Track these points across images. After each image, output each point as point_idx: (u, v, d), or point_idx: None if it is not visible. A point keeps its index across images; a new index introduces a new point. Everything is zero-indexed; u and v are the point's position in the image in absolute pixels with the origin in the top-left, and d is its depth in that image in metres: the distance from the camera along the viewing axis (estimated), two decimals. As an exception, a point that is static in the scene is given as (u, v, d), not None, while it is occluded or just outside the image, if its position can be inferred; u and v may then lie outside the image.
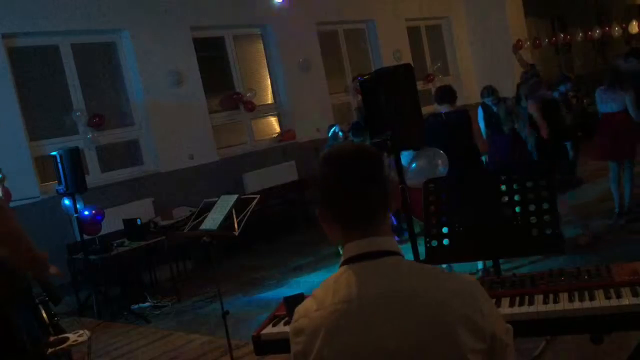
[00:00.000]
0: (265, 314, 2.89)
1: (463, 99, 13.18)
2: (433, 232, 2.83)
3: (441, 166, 5.10)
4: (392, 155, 3.57)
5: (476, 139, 5.94)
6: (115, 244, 6.76)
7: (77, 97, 8.10)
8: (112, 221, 7.20)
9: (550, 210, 2.67)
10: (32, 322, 2.71)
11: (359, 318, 1.43)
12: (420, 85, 11.38)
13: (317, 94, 10.61)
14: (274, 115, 10.47)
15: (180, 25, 8.96)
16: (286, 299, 2.63)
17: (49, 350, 2.43)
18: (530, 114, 6.66)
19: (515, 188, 2.77)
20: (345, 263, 1.52)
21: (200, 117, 9.11)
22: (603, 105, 6.62)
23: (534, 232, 2.69)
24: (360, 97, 7.81)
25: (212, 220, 4.46)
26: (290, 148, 10.13)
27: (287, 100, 10.36)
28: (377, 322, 1.42)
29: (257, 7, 9.92)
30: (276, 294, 6.26)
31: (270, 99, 10.44)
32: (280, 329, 2.56)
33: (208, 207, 4.65)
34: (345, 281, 1.48)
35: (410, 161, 5.04)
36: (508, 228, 2.75)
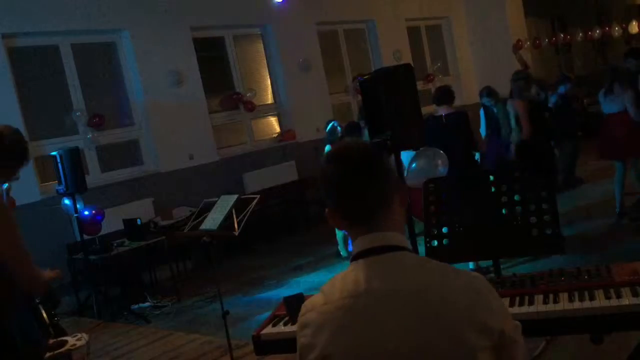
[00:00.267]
0: (265, 314, 2.89)
1: (463, 99, 13.20)
2: (433, 232, 2.84)
3: (441, 166, 5.10)
4: (392, 155, 3.57)
5: (475, 139, 5.95)
6: (115, 244, 6.76)
7: (77, 97, 8.10)
8: (112, 221, 7.20)
9: (550, 210, 2.67)
10: (31, 323, 2.70)
11: (364, 314, 1.43)
12: (420, 85, 11.37)
13: (317, 94, 10.61)
14: (274, 115, 10.47)
15: (180, 25, 8.96)
16: (286, 299, 2.64)
17: (48, 355, 2.42)
18: (515, 113, 6.64)
19: (515, 188, 2.77)
20: (354, 259, 1.53)
21: (200, 117, 9.11)
22: (606, 105, 6.62)
23: (534, 232, 2.70)
24: (360, 97, 7.80)
25: (212, 220, 4.46)
26: (290, 148, 10.13)
27: (287, 100, 10.36)
28: (381, 319, 1.42)
29: (257, 7, 9.92)
30: (276, 294, 6.26)
31: (270, 99, 10.44)
32: (280, 329, 2.55)
33: (208, 207, 4.64)
34: (353, 277, 1.49)
35: (410, 161, 5.04)
36: (508, 228, 2.75)
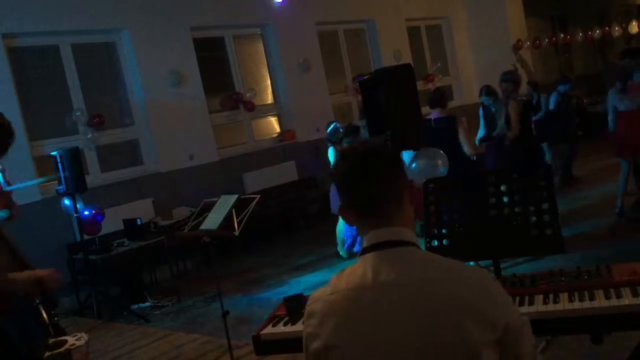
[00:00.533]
0: (265, 314, 2.89)
1: (463, 99, 13.21)
2: (433, 232, 2.83)
3: (441, 166, 5.10)
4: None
5: (464, 144, 5.88)
6: (115, 244, 6.77)
7: (77, 97, 8.10)
8: (112, 221, 7.20)
9: (550, 210, 2.67)
10: (31, 324, 2.70)
11: (370, 306, 1.46)
12: (420, 85, 11.35)
13: (317, 94, 10.61)
14: (274, 115, 10.47)
15: (180, 25, 8.96)
16: (286, 299, 2.64)
17: (47, 354, 2.42)
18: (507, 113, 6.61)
19: (515, 188, 2.77)
20: (363, 252, 1.56)
21: (200, 117, 9.10)
22: (621, 104, 6.58)
23: (533, 232, 2.69)
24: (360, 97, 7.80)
25: (212, 220, 4.46)
26: (290, 148, 10.13)
27: (287, 100, 10.36)
28: (387, 311, 1.44)
29: (257, 7, 9.92)
30: (276, 294, 6.26)
31: (270, 99, 10.44)
32: (280, 329, 2.55)
33: (208, 207, 4.64)
34: (361, 269, 1.52)
35: (410, 161, 5.04)
36: (508, 228, 2.74)
